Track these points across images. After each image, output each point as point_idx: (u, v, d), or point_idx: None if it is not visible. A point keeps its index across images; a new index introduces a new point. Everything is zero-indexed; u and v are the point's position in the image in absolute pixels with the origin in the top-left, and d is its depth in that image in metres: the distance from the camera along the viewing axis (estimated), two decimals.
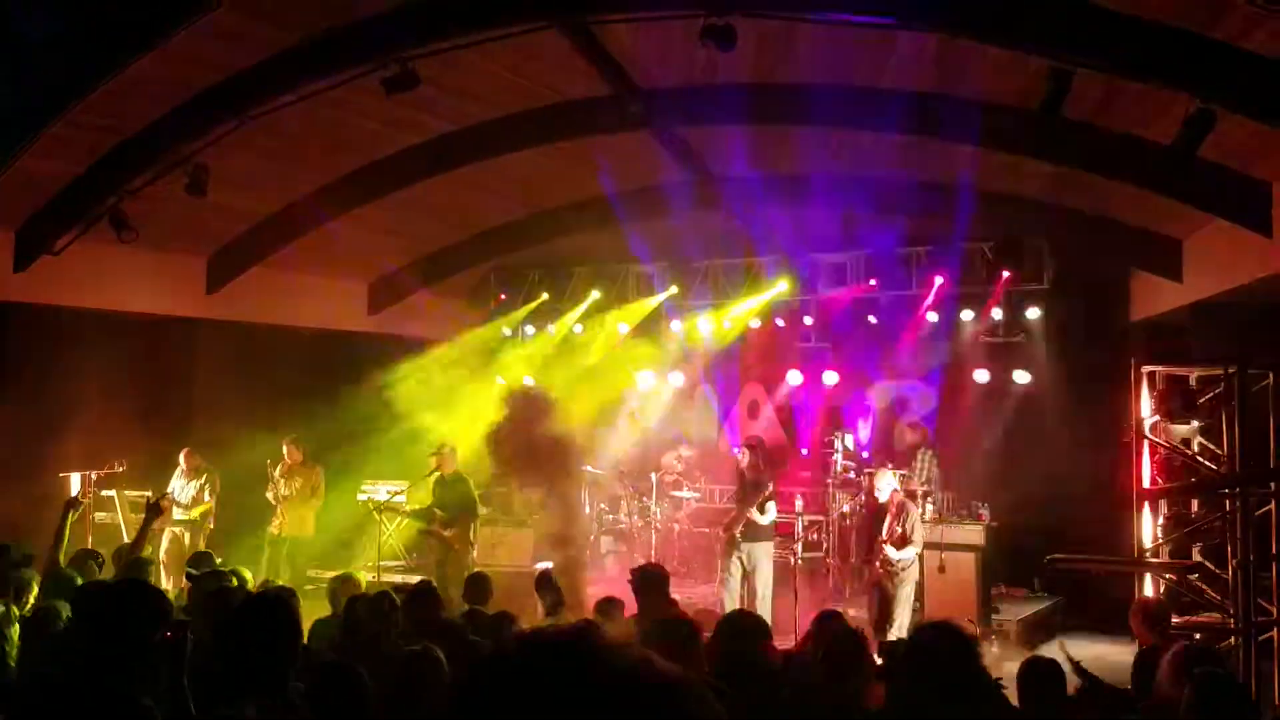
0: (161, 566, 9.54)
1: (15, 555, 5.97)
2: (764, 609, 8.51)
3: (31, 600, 5.31)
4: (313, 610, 6.27)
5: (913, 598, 8.82)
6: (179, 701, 2.98)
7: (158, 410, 10.62)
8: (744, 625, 4.10)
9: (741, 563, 9.10)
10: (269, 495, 10.53)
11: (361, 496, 11.94)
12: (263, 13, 6.87)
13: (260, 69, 7.51)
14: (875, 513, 8.85)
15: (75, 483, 9.22)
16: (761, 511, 9.03)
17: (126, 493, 9.64)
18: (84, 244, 9.23)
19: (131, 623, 2.84)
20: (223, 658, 3.27)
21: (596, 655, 0.98)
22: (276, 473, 10.51)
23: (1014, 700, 3.99)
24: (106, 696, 2.65)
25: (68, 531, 6.03)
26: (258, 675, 3.07)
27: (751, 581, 9.10)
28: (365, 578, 7.81)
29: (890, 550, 8.50)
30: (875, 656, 4.73)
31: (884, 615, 8.59)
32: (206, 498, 10.10)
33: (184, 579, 6.44)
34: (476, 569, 8.19)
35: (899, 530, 8.57)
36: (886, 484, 8.79)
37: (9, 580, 5.44)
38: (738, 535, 9.09)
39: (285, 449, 10.54)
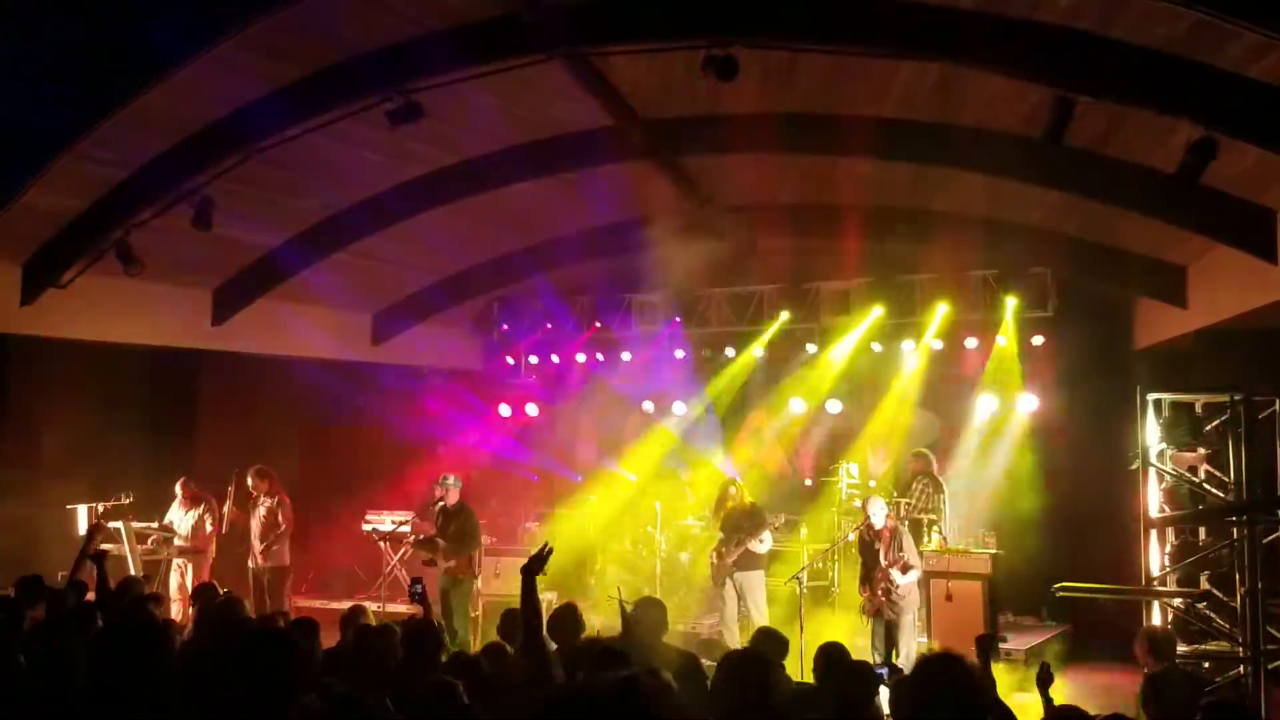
0: (170, 598, 9.53)
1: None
2: None
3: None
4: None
5: (916, 625, 8.78)
6: None
7: (164, 442, 10.62)
8: (742, 665, 3.92)
9: (736, 590, 9.29)
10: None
11: (366, 527, 11.89)
12: (267, 47, 6.93)
13: (265, 102, 7.56)
14: (868, 540, 8.81)
15: (83, 515, 9.19)
16: (759, 541, 9.27)
17: (134, 524, 9.60)
18: (90, 277, 9.25)
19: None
20: (227, 688, 3.28)
21: (641, 704, 1.15)
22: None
23: None
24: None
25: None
26: (259, 704, 3.08)
27: (745, 608, 9.19)
28: (371, 607, 7.75)
29: (895, 574, 8.45)
30: (882, 688, 4.68)
31: (889, 644, 8.54)
32: (209, 526, 10.04)
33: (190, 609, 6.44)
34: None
35: (899, 556, 8.53)
36: (878, 510, 8.77)
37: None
38: (730, 564, 9.20)
39: (250, 480, 10.26)
